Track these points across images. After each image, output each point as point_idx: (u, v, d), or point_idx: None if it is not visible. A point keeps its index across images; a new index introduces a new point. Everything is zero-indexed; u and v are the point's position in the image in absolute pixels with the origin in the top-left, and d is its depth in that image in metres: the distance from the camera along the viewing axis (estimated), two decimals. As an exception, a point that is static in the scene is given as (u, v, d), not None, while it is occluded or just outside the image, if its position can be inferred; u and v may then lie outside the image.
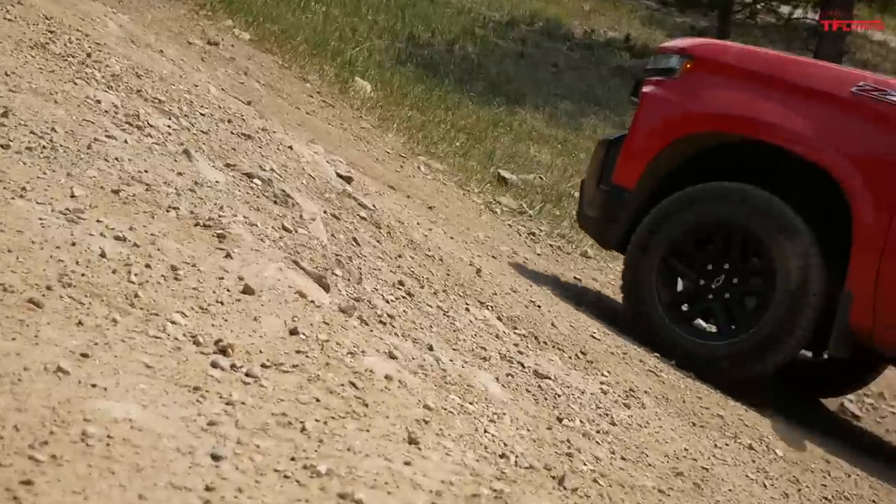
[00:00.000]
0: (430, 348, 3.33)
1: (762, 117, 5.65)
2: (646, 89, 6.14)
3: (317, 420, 2.36)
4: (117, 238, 2.86)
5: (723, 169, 5.90)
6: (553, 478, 2.73)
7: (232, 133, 4.68)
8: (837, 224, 5.48)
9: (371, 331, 3.17)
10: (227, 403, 2.27)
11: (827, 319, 5.43)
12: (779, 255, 5.47)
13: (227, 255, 3.08)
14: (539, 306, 5.03)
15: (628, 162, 6.03)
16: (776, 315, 5.45)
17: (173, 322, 2.54)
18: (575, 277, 7.29)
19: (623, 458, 3.29)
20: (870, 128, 5.38)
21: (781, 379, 6.57)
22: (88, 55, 4.76)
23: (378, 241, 4.49)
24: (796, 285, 5.43)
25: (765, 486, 3.97)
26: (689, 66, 5.97)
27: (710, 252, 5.75)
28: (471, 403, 3.01)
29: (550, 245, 8.07)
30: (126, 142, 3.77)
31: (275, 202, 3.97)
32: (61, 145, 3.42)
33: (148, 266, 2.77)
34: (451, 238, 5.65)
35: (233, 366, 2.45)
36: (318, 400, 2.46)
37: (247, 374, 2.44)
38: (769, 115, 5.63)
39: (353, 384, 2.64)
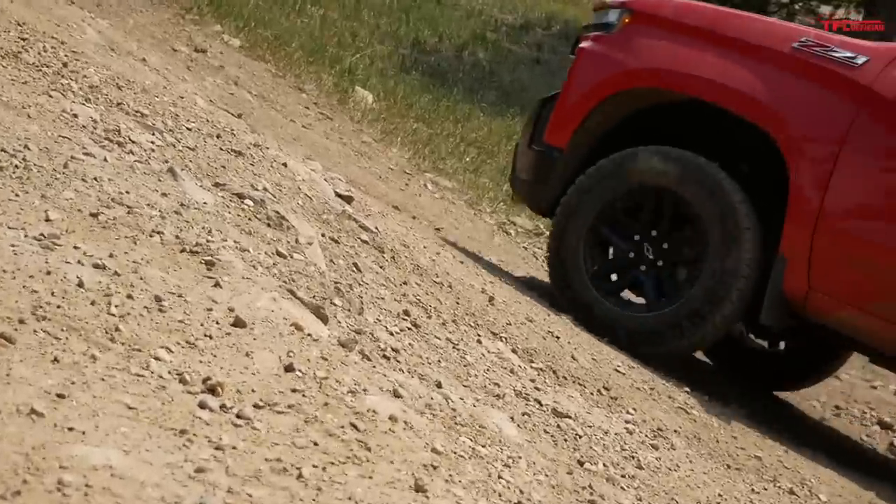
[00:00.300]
0: (439, 385, 3.33)
1: (698, 73, 5.83)
2: (582, 45, 6.32)
3: (315, 466, 2.35)
4: (96, 266, 2.86)
5: (661, 131, 6.11)
6: (574, 528, 2.73)
7: (221, 149, 4.69)
8: (776, 187, 5.64)
9: (374, 367, 3.17)
10: (216, 448, 2.26)
11: (762, 289, 5.59)
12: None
13: (217, 284, 3.08)
14: (558, 337, 5.02)
15: (560, 120, 6.21)
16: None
17: (158, 358, 2.54)
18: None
19: (651, 506, 3.29)
20: (810, 85, 5.53)
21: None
22: (64, 65, 4.78)
23: (381, 267, 4.49)
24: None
25: (807, 535, 3.96)
26: (627, 20, 6.15)
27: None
28: (483, 446, 3.01)
29: (570, 269, 8.05)
30: (105, 160, 3.77)
31: (268, 225, 3.97)
32: (35, 164, 3.42)
33: (130, 297, 2.77)
34: (461, 263, 5.65)
35: (223, 406, 2.44)
36: (315, 444, 2.46)
37: (238, 416, 2.44)
38: (705, 71, 5.81)
39: (354, 426, 2.64)
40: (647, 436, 4.10)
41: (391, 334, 3.63)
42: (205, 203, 3.81)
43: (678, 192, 5.74)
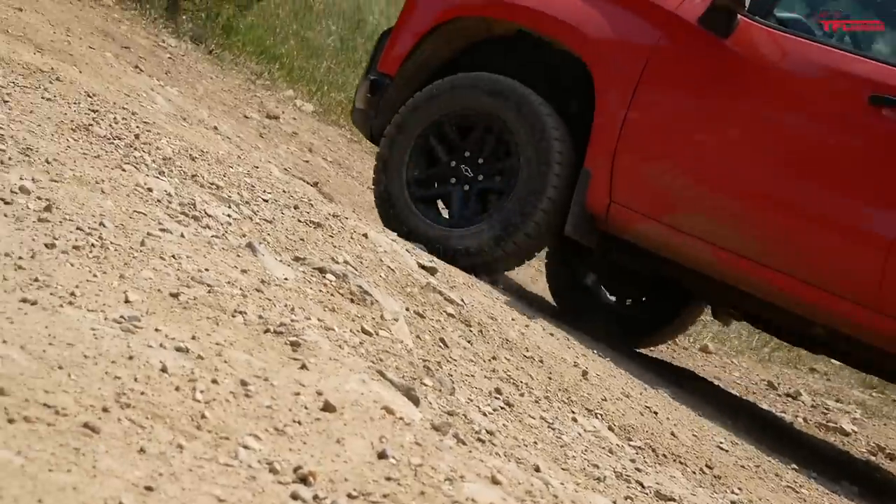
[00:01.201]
0: (537, 469, 3.31)
1: (516, 1, 6.40)
2: None
3: (414, 559, 2.35)
4: (179, 349, 2.88)
5: (494, 65, 6.55)
6: None
7: (299, 221, 4.72)
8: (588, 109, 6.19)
9: (469, 451, 3.16)
10: (311, 540, 2.27)
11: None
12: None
13: (303, 367, 3.09)
14: (656, 413, 4.99)
15: (393, 48, 6.71)
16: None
17: (246, 447, 2.55)
18: (695, 376, 7.24)
19: None
20: (619, 11, 6.16)
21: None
22: (137, 136, 4.85)
23: (469, 342, 4.50)
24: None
25: None
26: None
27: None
28: (587, 534, 2.99)
29: (665, 339, 8.01)
30: (182, 235, 3.81)
31: (351, 300, 3.99)
32: (112, 242, 3.47)
33: (215, 381, 2.79)
34: (552, 335, 5.64)
35: (315, 497, 2.45)
36: (413, 535, 2.46)
37: (331, 507, 2.44)
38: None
39: (452, 515, 2.63)
40: (756, 518, 4.06)
41: (484, 415, 3.63)
42: (285, 279, 3.84)
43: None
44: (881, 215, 5.65)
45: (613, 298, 7.54)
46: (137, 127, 5.00)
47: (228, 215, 4.32)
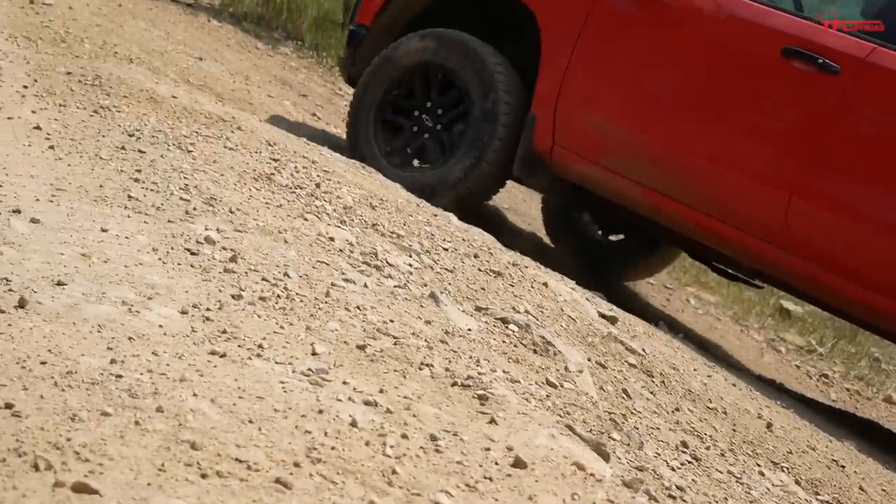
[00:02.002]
0: (731, 526, 3.24)
1: None
2: None
3: None
4: (367, 403, 2.87)
5: (463, 19, 7.01)
6: None
7: (479, 270, 4.70)
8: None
9: (662, 508, 3.10)
10: None
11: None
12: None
13: (492, 421, 3.05)
14: (843, 466, 4.86)
15: (369, 1, 7.18)
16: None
17: (438, 503, 2.51)
18: (879, 427, 7.06)
19: None
20: None
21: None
22: (317, 185, 4.88)
23: (651, 393, 4.42)
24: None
25: None
26: None
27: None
28: None
29: (847, 389, 7.86)
30: (366, 286, 3.82)
31: (534, 351, 3.95)
32: (297, 293, 3.48)
33: (404, 436, 2.76)
34: (734, 385, 5.53)
35: (510, 555, 2.41)
36: None
37: (525, 566, 2.40)
38: None
39: (647, 576, 2.57)
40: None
41: (673, 470, 3.55)
42: (469, 330, 3.82)
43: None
44: (786, 160, 6.01)
45: (603, 235, 8.09)
46: (318, 175, 5.04)
47: (409, 264, 4.32)
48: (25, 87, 5.13)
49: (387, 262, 4.21)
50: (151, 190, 4.17)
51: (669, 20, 6.32)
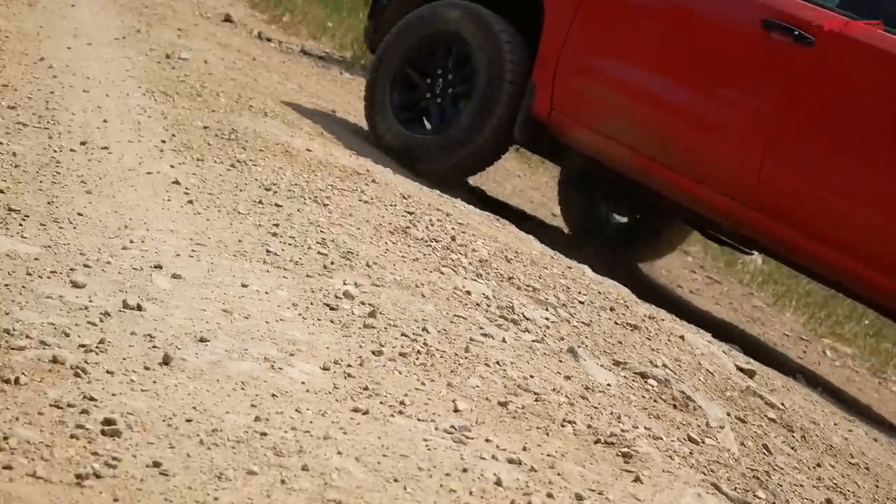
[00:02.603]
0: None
1: None
2: None
3: None
4: (511, 461, 2.84)
5: None
6: None
7: (616, 323, 4.66)
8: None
9: (811, 570, 3.03)
10: None
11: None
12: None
13: (637, 479, 3.01)
14: None
15: None
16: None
17: (587, 565, 2.48)
18: None
19: None
20: None
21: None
22: (453, 238, 4.87)
23: (792, 448, 4.34)
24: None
25: None
26: None
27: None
28: None
29: None
30: (504, 340, 3.80)
31: (674, 406, 3.90)
32: (436, 349, 3.47)
33: (550, 495, 2.73)
34: (875, 440, 5.42)
35: None
36: None
37: None
38: None
39: None
40: None
41: (820, 529, 3.48)
42: (608, 385, 3.78)
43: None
44: (763, 126, 6.23)
45: (620, 218, 8.33)
46: (453, 228, 5.03)
47: (546, 318, 4.29)
48: (163, 141, 5.19)
49: (524, 316, 4.19)
50: (289, 244, 4.19)
51: None
